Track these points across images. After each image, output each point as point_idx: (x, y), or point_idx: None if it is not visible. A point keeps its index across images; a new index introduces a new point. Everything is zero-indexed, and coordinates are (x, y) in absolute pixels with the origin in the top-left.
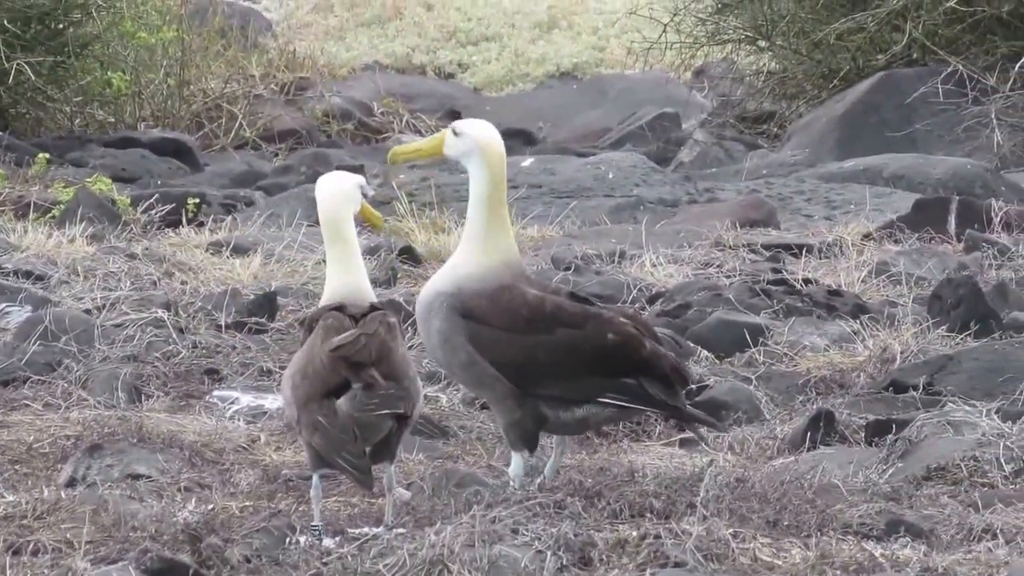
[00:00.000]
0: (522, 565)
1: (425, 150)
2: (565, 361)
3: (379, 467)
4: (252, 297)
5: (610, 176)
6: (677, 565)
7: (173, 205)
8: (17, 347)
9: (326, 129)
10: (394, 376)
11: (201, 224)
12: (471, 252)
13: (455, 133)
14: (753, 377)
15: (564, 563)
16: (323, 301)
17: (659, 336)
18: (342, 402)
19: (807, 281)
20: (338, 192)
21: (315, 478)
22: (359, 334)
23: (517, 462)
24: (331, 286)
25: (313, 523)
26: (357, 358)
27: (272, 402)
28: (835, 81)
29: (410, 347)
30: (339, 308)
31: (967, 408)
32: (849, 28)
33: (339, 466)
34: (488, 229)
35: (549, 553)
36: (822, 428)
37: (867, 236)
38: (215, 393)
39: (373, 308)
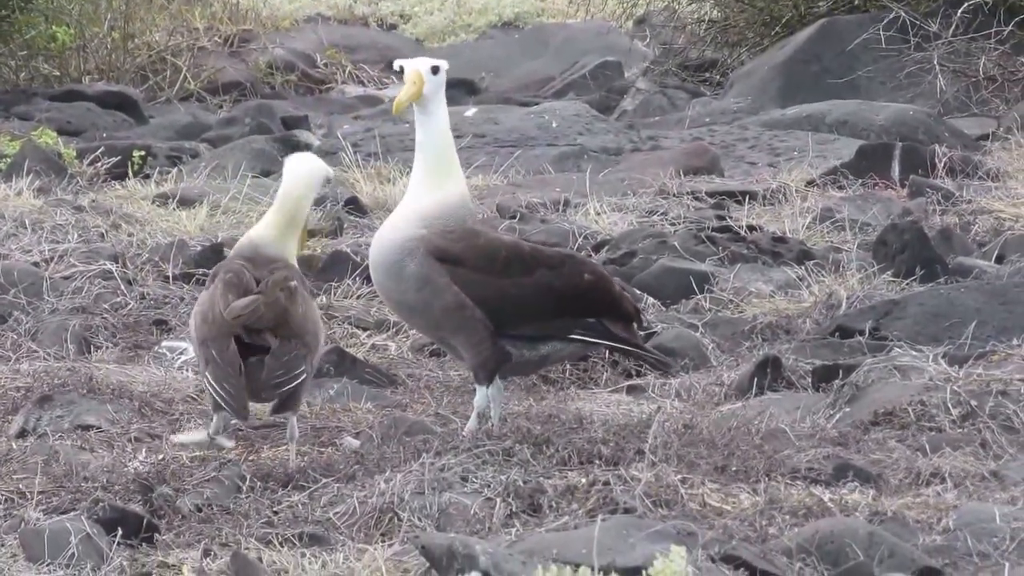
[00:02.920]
0: (472, 512)
1: (414, 92)
2: (542, 301)
3: (283, 416)
4: (199, 248)
5: (553, 125)
6: (626, 511)
7: (119, 158)
8: None
9: (270, 81)
10: (294, 336)
11: (147, 176)
12: (429, 193)
13: (433, 71)
14: (699, 324)
15: (514, 510)
16: (240, 243)
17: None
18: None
19: (752, 228)
20: (306, 175)
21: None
22: (258, 303)
23: (482, 394)
24: (257, 233)
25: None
26: (254, 326)
27: None
28: (777, 28)
29: (357, 296)
30: (249, 260)
31: (913, 353)
32: None
33: (219, 396)
34: (448, 167)
35: (499, 500)
36: (769, 374)
37: (811, 183)
38: (164, 344)
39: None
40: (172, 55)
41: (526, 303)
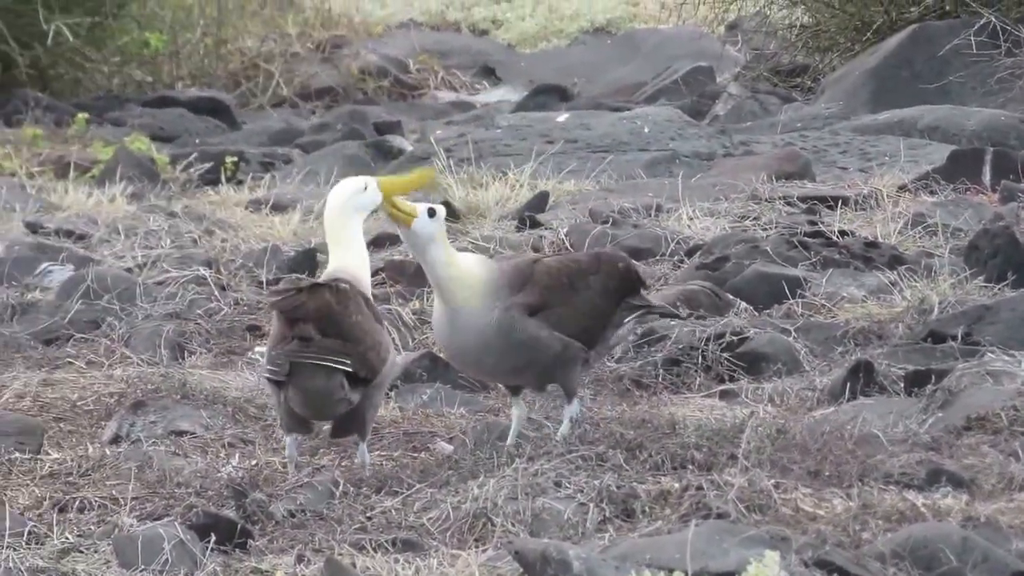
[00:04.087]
0: (565, 517)
1: (404, 221)
2: (607, 302)
3: (351, 441)
4: (292, 254)
5: (645, 130)
6: (720, 516)
7: (211, 163)
8: (60, 306)
9: (362, 86)
10: (343, 338)
11: (240, 182)
12: (466, 280)
13: (430, 213)
14: (792, 329)
15: (607, 515)
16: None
17: None
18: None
19: (844, 233)
20: (337, 204)
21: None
22: (296, 289)
23: (577, 406)
24: (329, 268)
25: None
26: (292, 313)
27: None
28: (868, 34)
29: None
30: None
31: (1006, 358)
32: None
33: (267, 369)
34: (463, 261)
35: (592, 505)
36: (861, 379)
37: (902, 188)
38: (257, 349)
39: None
40: (265, 61)
41: (597, 311)
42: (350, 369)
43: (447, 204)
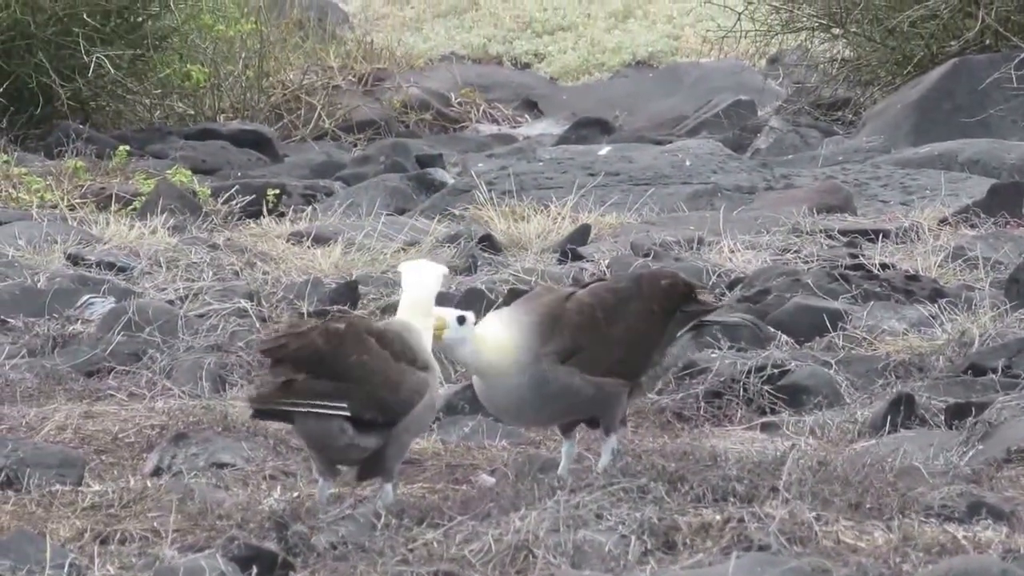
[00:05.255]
0: (607, 549)
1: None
2: (647, 326)
3: (375, 483)
4: (334, 286)
5: (687, 163)
6: (761, 548)
7: (253, 196)
8: (101, 338)
9: (404, 119)
10: (339, 379)
11: (282, 214)
12: (495, 355)
13: (460, 321)
14: (833, 361)
15: (648, 547)
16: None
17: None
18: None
19: (884, 266)
20: (419, 282)
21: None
22: (284, 333)
23: (615, 440)
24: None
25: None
26: (274, 354)
27: None
28: (909, 68)
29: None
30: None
31: None
32: (922, 15)
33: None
34: (491, 335)
35: (633, 537)
36: (902, 411)
37: (943, 221)
38: None
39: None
40: (306, 94)
41: (641, 339)
42: (346, 413)
43: (488, 237)
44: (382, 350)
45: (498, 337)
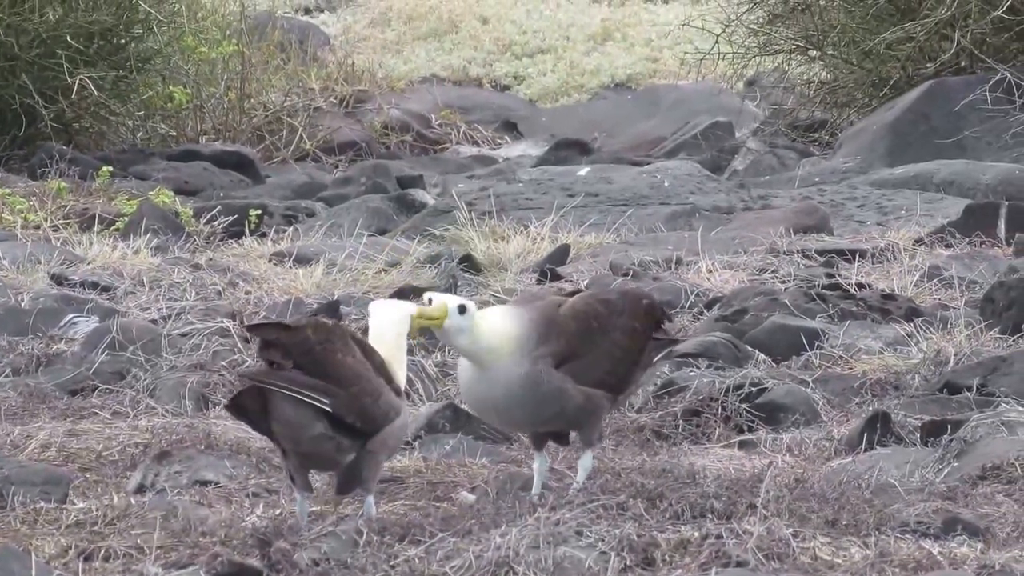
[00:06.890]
0: (586, 566)
1: (435, 324)
2: (631, 343)
3: (356, 495)
4: (315, 306)
5: (665, 184)
6: (739, 564)
7: (235, 216)
8: (85, 357)
9: (385, 141)
10: (325, 375)
11: (263, 235)
12: (494, 343)
13: (460, 310)
14: (810, 380)
15: (628, 563)
16: None
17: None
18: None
19: (861, 286)
20: (388, 321)
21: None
22: (276, 322)
23: (590, 457)
24: None
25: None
26: (261, 334)
27: None
28: (885, 89)
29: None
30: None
31: (1020, 408)
32: (898, 38)
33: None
34: (490, 324)
35: (613, 554)
36: (878, 429)
37: (919, 241)
38: None
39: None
40: (288, 115)
41: (626, 355)
42: (328, 408)
43: (468, 257)
44: (365, 359)
45: (499, 326)
